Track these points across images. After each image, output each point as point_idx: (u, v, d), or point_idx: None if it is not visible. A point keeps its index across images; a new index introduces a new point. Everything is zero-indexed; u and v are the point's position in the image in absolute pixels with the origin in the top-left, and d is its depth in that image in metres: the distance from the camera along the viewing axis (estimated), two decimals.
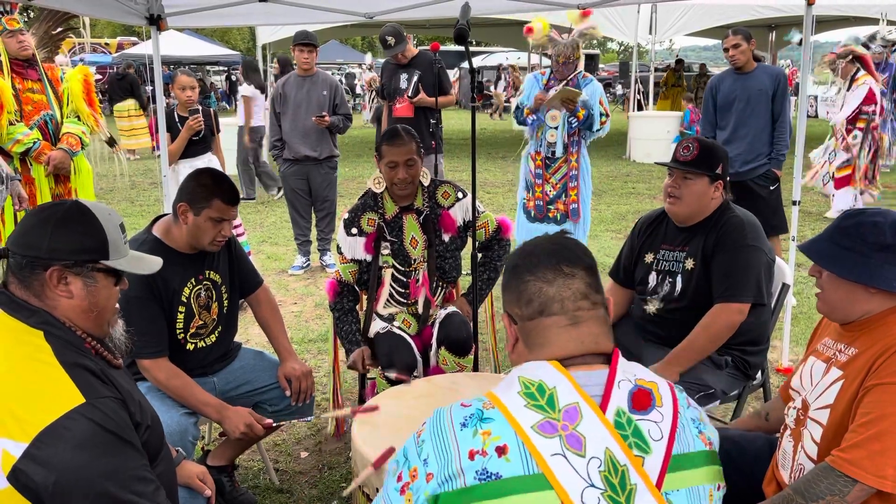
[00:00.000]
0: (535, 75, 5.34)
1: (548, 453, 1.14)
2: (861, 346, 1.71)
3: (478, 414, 1.20)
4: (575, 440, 1.15)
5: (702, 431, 1.28)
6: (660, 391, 1.25)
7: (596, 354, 1.28)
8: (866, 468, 1.55)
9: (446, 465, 1.16)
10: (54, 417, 1.35)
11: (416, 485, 1.18)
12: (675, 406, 1.25)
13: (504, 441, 1.15)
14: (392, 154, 2.87)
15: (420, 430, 1.26)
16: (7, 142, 3.83)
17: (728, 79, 4.91)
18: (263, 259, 6.22)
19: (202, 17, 4.02)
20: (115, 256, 1.58)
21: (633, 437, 1.19)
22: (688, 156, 2.57)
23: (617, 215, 7.89)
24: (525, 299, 1.31)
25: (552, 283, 1.29)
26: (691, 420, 1.27)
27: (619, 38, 15.02)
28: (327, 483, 2.94)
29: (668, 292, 2.66)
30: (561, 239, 1.37)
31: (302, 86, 5.64)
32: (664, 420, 1.22)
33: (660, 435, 1.21)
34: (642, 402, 1.22)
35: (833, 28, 14.31)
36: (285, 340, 2.77)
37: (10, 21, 3.86)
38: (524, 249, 1.37)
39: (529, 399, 1.19)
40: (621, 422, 1.19)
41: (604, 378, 1.24)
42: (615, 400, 1.21)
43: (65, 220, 1.54)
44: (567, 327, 1.28)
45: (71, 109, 4.12)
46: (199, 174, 2.47)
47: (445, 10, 3.85)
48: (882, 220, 1.70)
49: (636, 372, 1.28)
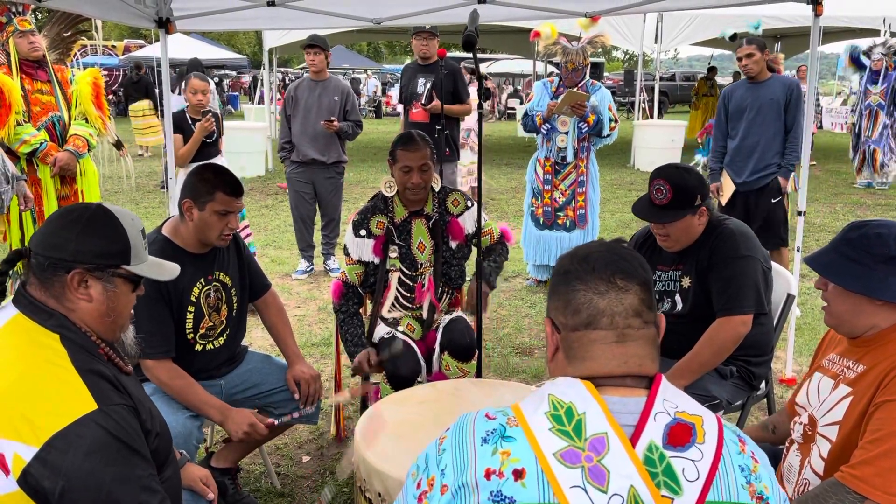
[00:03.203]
0: (544, 83, 5.35)
1: (567, 484, 1.07)
2: (869, 362, 1.70)
3: (500, 431, 1.14)
4: (598, 473, 1.08)
5: (751, 483, 1.14)
6: (704, 426, 1.14)
7: (638, 377, 1.20)
8: (875, 485, 1.55)
9: (462, 475, 1.12)
10: (66, 423, 1.35)
11: (431, 495, 1.15)
12: (719, 445, 1.14)
13: (523, 465, 1.09)
14: (407, 159, 2.88)
15: (443, 437, 1.20)
16: (14, 142, 3.85)
17: (741, 88, 4.90)
18: (267, 262, 6.23)
19: (210, 21, 4.04)
20: (135, 262, 1.58)
21: (663, 476, 1.09)
22: (662, 199, 2.51)
23: (621, 223, 7.89)
24: (573, 308, 1.22)
25: (604, 296, 1.20)
26: (739, 467, 1.14)
27: (624, 47, 15.06)
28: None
29: (668, 310, 2.66)
30: (618, 248, 1.26)
31: (314, 90, 5.66)
32: (703, 459, 1.12)
33: (696, 475, 1.10)
34: (680, 437, 1.12)
35: (839, 39, 14.33)
36: (293, 344, 2.77)
37: (21, 22, 3.89)
38: (577, 254, 1.27)
39: (556, 423, 1.12)
40: (652, 458, 1.10)
41: (640, 406, 1.15)
42: (648, 433, 1.12)
43: (91, 223, 1.54)
44: (612, 344, 1.19)
45: (79, 112, 4.14)
46: (200, 170, 2.47)
47: (452, 17, 3.86)
48: (887, 232, 1.70)
49: (679, 403, 1.17)
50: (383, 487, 1.93)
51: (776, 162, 4.75)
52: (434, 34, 5.69)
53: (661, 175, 2.53)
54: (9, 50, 3.94)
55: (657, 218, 2.54)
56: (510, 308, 5.15)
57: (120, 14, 3.53)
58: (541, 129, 5.17)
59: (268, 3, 3.61)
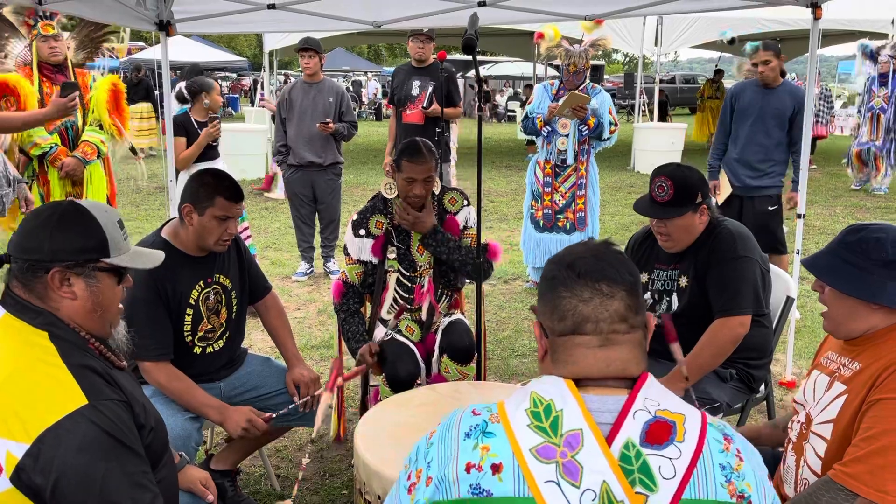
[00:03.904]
0: (545, 85, 5.36)
1: (542, 479, 1.11)
2: (865, 361, 1.70)
3: (482, 426, 1.18)
4: (571, 469, 1.11)
5: (731, 481, 1.14)
6: (686, 424, 1.15)
7: (620, 379, 1.20)
8: (868, 482, 1.55)
9: (444, 468, 1.16)
10: (56, 418, 1.35)
11: (419, 486, 1.19)
12: (699, 443, 1.14)
13: (500, 460, 1.13)
14: (412, 171, 2.87)
15: (433, 432, 1.24)
16: (27, 143, 3.95)
17: (750, 89, 4.75)
18: (267, 265, 6.23)
19: (211, 24, 4.04)
20: (115, 253, 1.57)
21: (638, 473, 1.11)
22: (664, 196, 2.52)
23: (620, 226, 7.90)
24: (559, 314, 1.24)
25: (588, 303, 1.21)
26: (719, 465, 1.14)
27: (624, 50, 15.04)
28: (328, 490, 2.94)
29: (665, 310, 2.65)
30: (604, 252, 1.26)
31: (308, 92, 5.66)
32: (681, 457, 1.12)
33: (672, 473, 1.11)
34: (658, 435, 1.13)
35: (839, 42, 14.35)
36: (293, 347, 2.77)
37: (45, 26, 3.97)
38: (563, 260, 1.27)
39: (534, 419, 1.16)
40: (629, 455, 1.12)
41: (619, 405, 1.16)
42: (626, 430, 1.13)
43: (63, 220, 1.53)
44: (596, 349, 1.21)
45: (94, 118, 4.20)
46: (200, 174, 2.47)
47: (452, 20, 3.87)
48: (884, 237, 1.70)
49: (661, 401, 1.18)
50: (383, 490, 1.94)
51: (775, 171, 4.69)
52: (431, 37, 5.70)
53: (663, 172, 2.55)
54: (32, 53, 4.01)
55: (658, 214, 2.55)
56: (510, 310, 5.15)
57: (120, 16, 3.54)
58: (541, 131, 5.18)
59: (268, 6, 3.61)
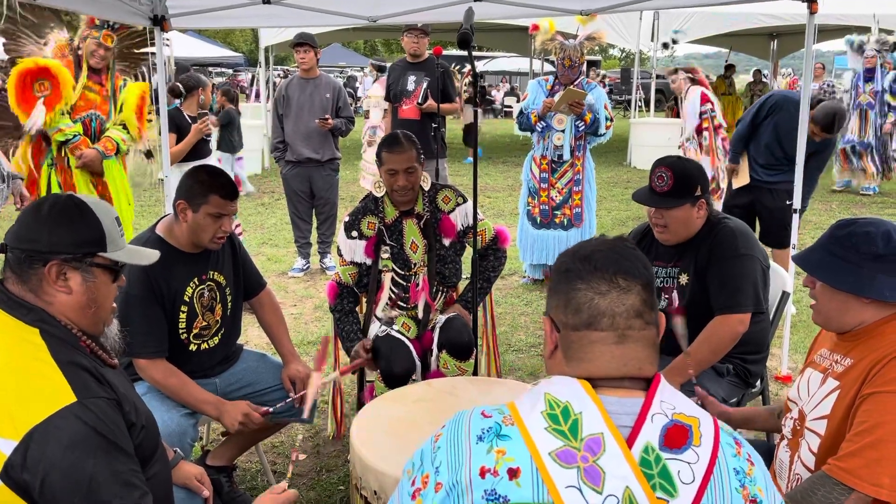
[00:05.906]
0: (539, 81, 5.36)
1: (562, 484, 1.07)
2: (857, 356, 1.71)
3: (496, 429, 1.14)
4: (594, 474, 1.08)
5: (744, 486, 1.13)
6: (700, 428, 1.14)
7: (636, 379, 1.19)
8: (862, 476, 1.55)
9: (456, 473, 1.12)
10: (45, 416, 1.35)
11: (425, 492, 1.14)
12: (715, 448, 1.13)
13: (518, 464, 1.09)
14: (392, 161, 2.87)
15: (438, 434, 1.20)
16: (52, 128, 4.07)
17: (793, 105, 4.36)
18: (263, 261, 6.22)
19: (206, 19, 4.02)
20: (112, 249, 1.57)
21: (659, 478, 1.09)
22: (663, 186, 2.53)
23: (617, 221, 7.90)
24: (573, 308, 1.21)
25: (605, 296, 1.18)
26: (734, 470, 1.14)
27: (621, 45, 15.04)
28: (325, 485, 2.94)
29: (665, 307, 2.66)
30: (621, 246, 1.24)
31: (304, 88, 5.65)
32: (699, 462, 1.11)
33: (691, 478, 1.10)
34: (676, 439, 1.12)
35: (833, 37, 14.34)
36: (289, 343, 2.77)
37: (106, 37, 4.17)
38: (579, 252, 1.24)
39: (552, 422, 1.12)
40: (648, 459, 1.10)
41: (637, 407, 1.14)
42: (645, 434, 1.11)
43: (63, 213, 1.53)
44: (612, 345, 1.18)
45: (121, 118, 4.35)
46: (195, 171, 2.47)
47: (448, 15, 3.86)
48: (874, 231, 1.71)
49: (676, 404, 1.16)
50: (379, 485, 1.94)
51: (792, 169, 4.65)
52: (426, 32, 5.69)
53: (663, 163, 2.57)
54: (80, 50, 4.20)
55: (657, 204, 2.55)
56: (506, 306, 5.15)
57: (114, 11, 3.52)
58: (536, 126, 5.18)
59: (264, 1, 3.59)
